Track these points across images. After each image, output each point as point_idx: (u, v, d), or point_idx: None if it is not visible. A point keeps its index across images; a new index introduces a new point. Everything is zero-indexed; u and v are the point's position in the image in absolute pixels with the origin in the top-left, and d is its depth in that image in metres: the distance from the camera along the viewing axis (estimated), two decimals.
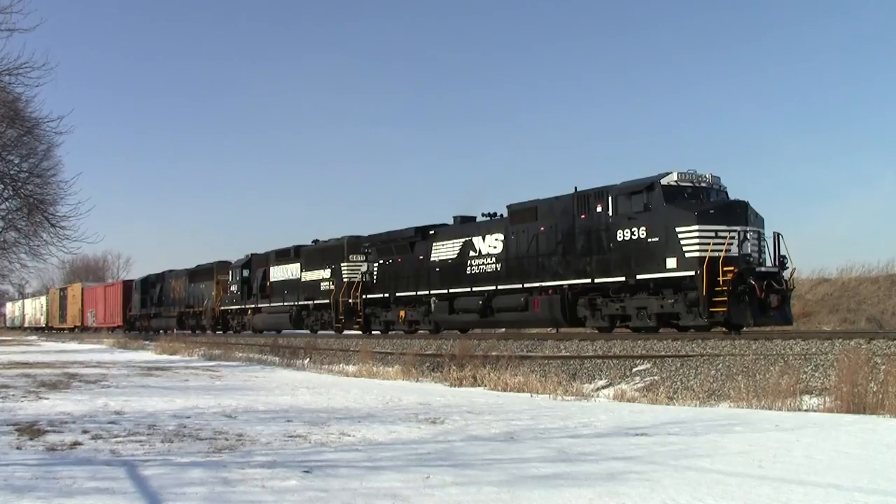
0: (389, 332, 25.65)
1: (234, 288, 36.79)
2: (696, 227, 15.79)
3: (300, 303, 30.89)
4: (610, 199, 17.64)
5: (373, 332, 26.52)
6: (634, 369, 13.81)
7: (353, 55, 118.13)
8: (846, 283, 27.05)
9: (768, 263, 16.43)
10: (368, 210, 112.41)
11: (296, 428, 8.87)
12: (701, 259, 15.51)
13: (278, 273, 32.88)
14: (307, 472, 6.23)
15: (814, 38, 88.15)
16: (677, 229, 16.03)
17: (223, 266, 39.08)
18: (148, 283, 48.77)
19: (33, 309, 79.78)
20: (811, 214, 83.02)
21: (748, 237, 16.08)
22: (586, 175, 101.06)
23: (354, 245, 28.10)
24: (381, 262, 25.72)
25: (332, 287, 28.52)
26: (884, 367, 10.47)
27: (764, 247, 16.50)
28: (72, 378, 16.86)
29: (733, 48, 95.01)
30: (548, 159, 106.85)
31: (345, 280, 27.74)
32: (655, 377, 13.07)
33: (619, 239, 17.29)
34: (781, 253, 16.57)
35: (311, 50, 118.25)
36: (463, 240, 22.26)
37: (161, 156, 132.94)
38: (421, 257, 23.83)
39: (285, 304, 31.97)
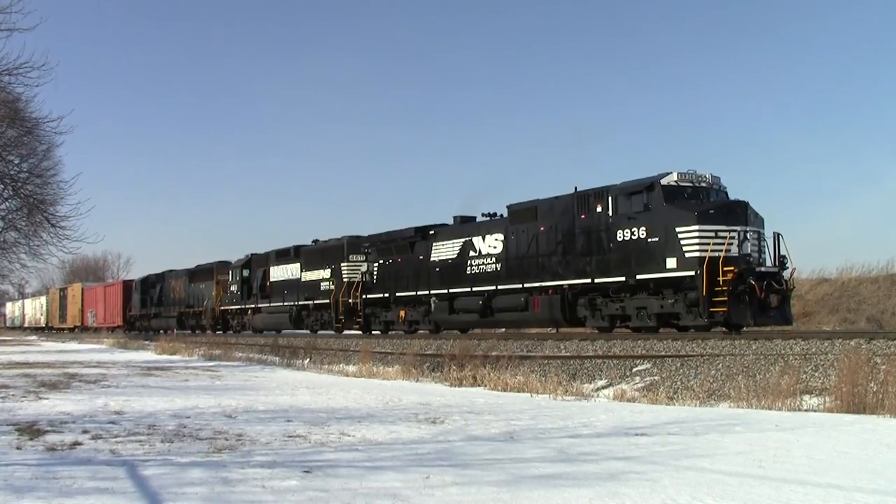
0: (389, 332, 25.66)
1: (234, 288, 36.79)
2: (695, 228, 15.79)
3: (300, 303, 30.89)
4: (610, 199, 17.64)
5: (373, 332, 26.53)
6: (634, 369, 13.81)
7: (353, 55, 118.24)
8: (846, 283, 27.04)
9: (768, 263, 16.43)
10: (368, 210, 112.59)
11: (296, 428, 8.86)
12: (701, 259, 15.52)
13: (278, 273, 32.89)
14: (307, 472, 6.23)
15: (815, 37, 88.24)
16: (677, 229, 16.03)
17: (223, 266, 39.09)
18: (148, 283, 48.77)
19: (33, 309, 79.77)
20: (812, 214, 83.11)
21: (748, 237, 16.08)
22: (586, 175, 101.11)
23: (354, 245, 28.10)
24: (380, 262, 25.72)
25: (332, 287, 28.52)
26: (884, 367, 10.46)
27: (764, 247, 16.50)
28: (72, 378, 16.85)
29: (734, 48, 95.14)
30: (548, 159, 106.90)
31: (345, 280, 27.74)
32: (655, 377, 13.06)
33: (619, 239, 17.29)
34: (781, 253, 16.59)
35: (311, 50, 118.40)
36: (463, 240, 22.26)
37: (161, 155, 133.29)
38: (421, 257, 23.83)
39: (285, 304, 31.97)
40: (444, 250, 22.94)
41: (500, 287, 20.56)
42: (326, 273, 29.21)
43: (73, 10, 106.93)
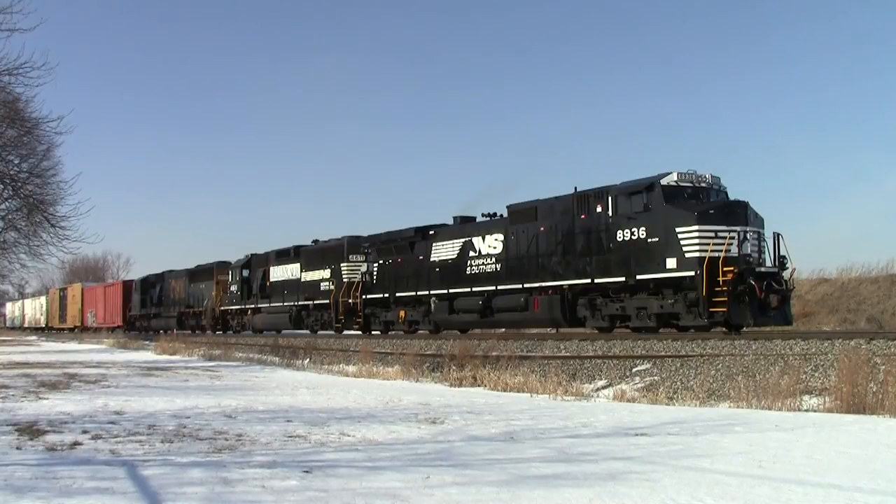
0: (389, 332, 25.65)
1: (233, 288, 36.80)
2: (695, 228, 15.79)
3: (300, 303, 30.90)
4: (610, 199, 17.64)
5: (373, 332, 26.51)
6: (634, 369, 13.80)
7: (353, 55, 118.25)
8: (846, 283, 27.04)
9: (768, 263, 16.43)
10: (368, 210, 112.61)
11: (296, 428, 8.86)
12: (701, 259, 15.51)
13: (278, 273, 32.89)
14: (307, 472, 6.23)
15: (815, 37, 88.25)
16: (677, 229, 16.03)
17: (223, 266, 39.08)
18: (148, 283, 48.76)
19: (33, 309, 79.75)
20: (812, 214, 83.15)
21: (748, 237, 16.08)
22: (586, 175, 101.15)
23: (354, 245, 28.10)
24: (380, 262, 25.72)
25: (332, 287, 28.53)
26: (884, 367, 10.46)
27: (764, 247, 16.50)
28: (72, 378, 16.86)
29: (733, 48, 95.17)
30: (548, 159, 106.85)
31: (345, 280, 27.74)
32: (655, 377, 13.06)
33: (619, 239, 17.29)
34: (781, 253, 16.59)
35: (311, 49, 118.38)
36: (463, 240, 22.26)
37: (161, 155, 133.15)
38: (421, 257, 23.83)
39: (285, 304, 31.97)
40: (444, 250, 22.94)
41: (500, 287, 20.56)
42: (326, 273, 29.21)
43: (73, 10, 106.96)
